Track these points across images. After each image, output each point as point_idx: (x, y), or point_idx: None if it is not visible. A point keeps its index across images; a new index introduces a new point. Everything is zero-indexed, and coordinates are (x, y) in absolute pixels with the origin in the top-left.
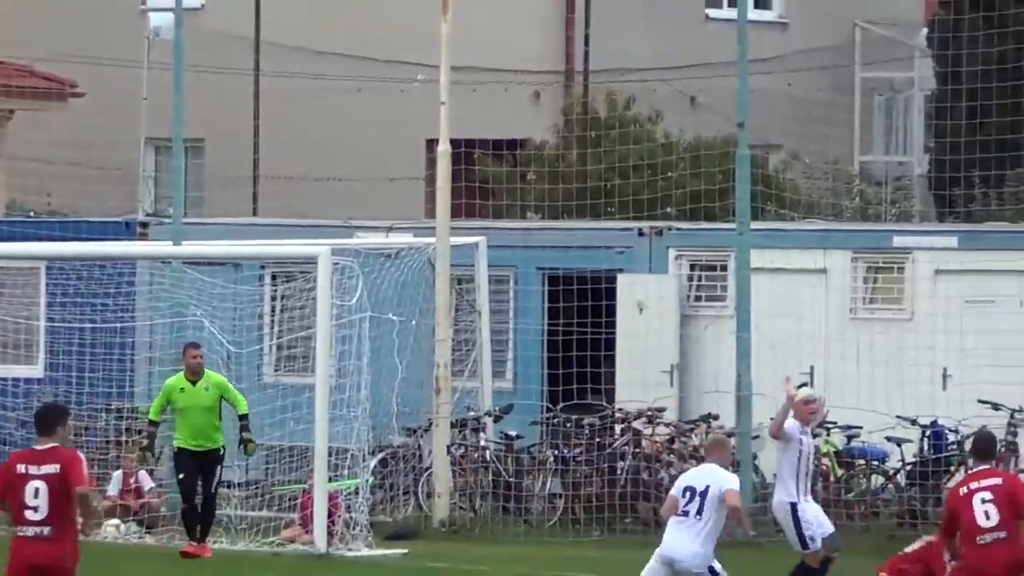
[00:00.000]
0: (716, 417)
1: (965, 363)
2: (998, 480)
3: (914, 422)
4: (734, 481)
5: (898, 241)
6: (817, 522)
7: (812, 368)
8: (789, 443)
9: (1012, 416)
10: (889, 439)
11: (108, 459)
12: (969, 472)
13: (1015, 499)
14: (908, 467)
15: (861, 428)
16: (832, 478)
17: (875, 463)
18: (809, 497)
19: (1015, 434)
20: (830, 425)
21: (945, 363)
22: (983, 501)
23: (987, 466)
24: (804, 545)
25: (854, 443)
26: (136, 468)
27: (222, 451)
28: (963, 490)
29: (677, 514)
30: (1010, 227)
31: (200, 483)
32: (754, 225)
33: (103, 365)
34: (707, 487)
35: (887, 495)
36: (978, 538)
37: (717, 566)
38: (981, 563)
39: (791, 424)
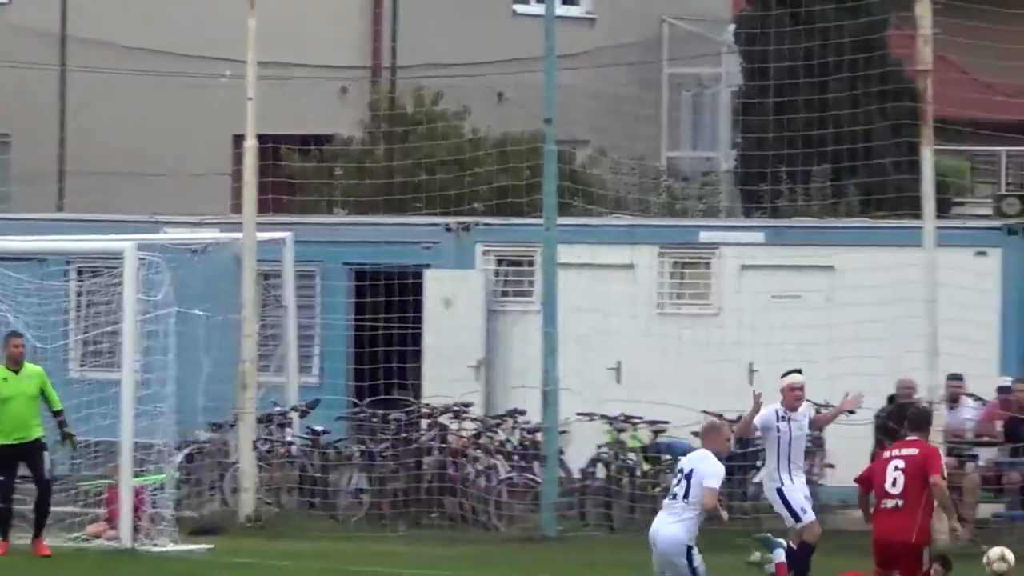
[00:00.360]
0: (523, 412)
1: (771, 358)
2: (915, 451)
3: (720, 417)
4: (716, 476)
5: (705, 236)
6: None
7: (619, 363)
8: (767, 432)
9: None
10: (696, 434)
11: None
12: (900, 441)
13: (922, 468)
14: None
15: (668, 423)
16: (639, 473)
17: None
18: (798, 477)
19: (821, 428)
20: (636, 420)
21: (752, 358)
22: (895, 468)
23: (916, 438)
24: (797, 518)
25: (661, 438)
26: None
27: (43, 439)
28: (886, 454)
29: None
30: (816, 222)
31: (30, 475)
32: (561, 221)
33: None
34: (692, 471)
35: None
36: (883, 502)
37: (695, 553)
38: (879, 527)
39: (764, 414)
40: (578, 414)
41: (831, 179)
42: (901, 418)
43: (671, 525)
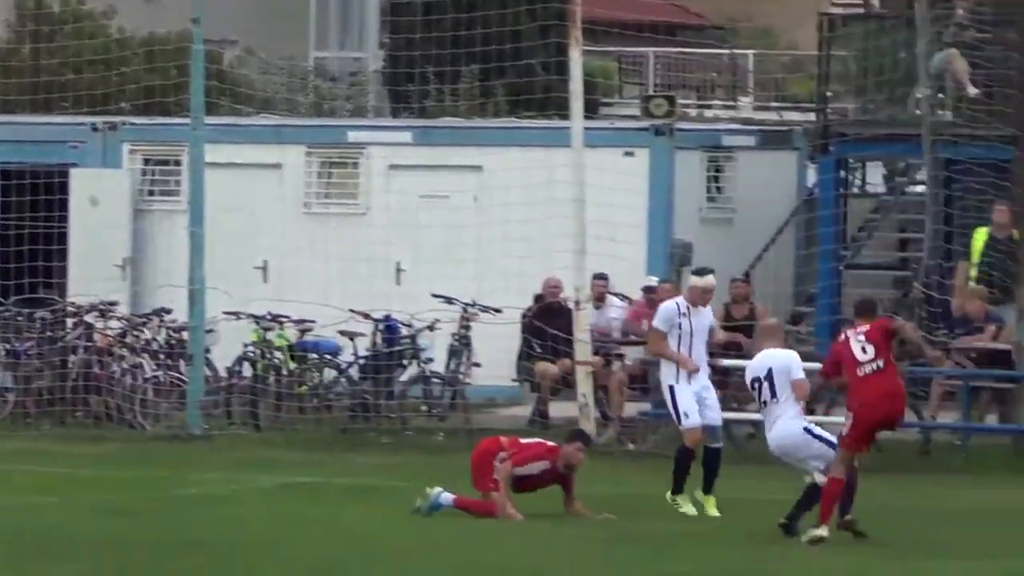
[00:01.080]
0: (169, 311)
1: (419, 257)
2: (868, 327)
3: (367, 316)
4: (798, 366)
5: (352, 136)
6: (698, 406)
7: (266, 263)
8: (670, 328)
9: (465, 311)
10: (342, 333)
11: None
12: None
13: (883, 332)
14: (361, 361)
15: (315, 322)
16: (285, 372)
17: (328, 357)
18: (697, 379)
19: (468, 327)
20: (283, 319)
21: (399, 258)
22: (858, 341)
23: (864, 323)
24: (679, 420)
25: (307, 337)
26: None
27: None
28: (842, 337)
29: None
30: (464, 123)
31: None
32: (209, 120)
33: None
34: (769, 369)
35: (340, 388)
36: (858, 371)
37: (813, 428)
38: (871, 390)
39: (666, 308)
40: (224, 313)
41: (479, 79)
42: (546, 317)
43: (778, 426)
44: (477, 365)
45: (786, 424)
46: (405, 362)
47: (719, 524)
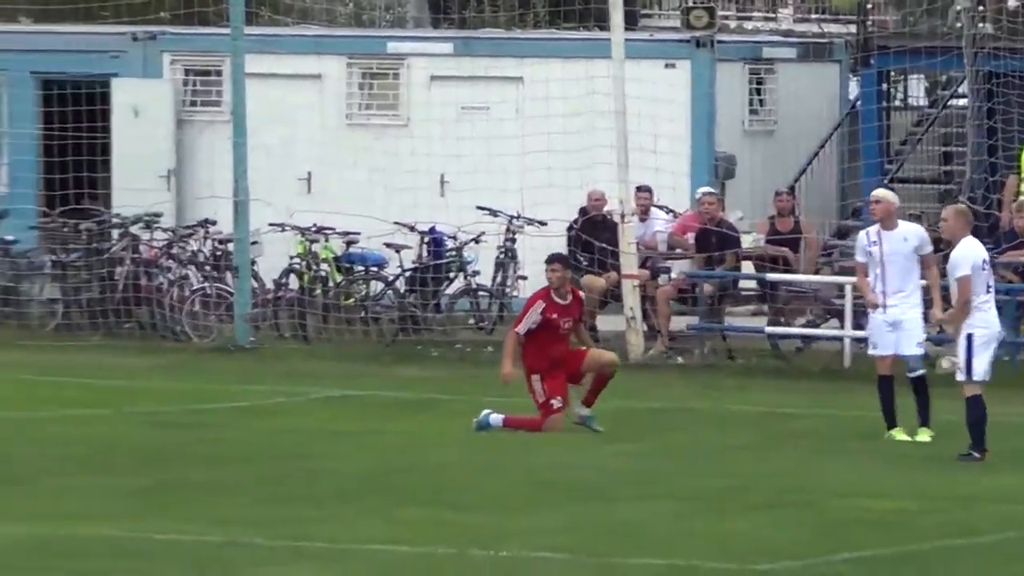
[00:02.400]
0: (214, 223)
1: (462, 169)
2: None
3: (412, 228)
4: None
5: (392, 47)
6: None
7: (310, 174)
8: (868, 257)
9: (510, 223)
10: (388, 245)
11: None
12: None
13: None
14: (407, 273)
15: (360, 234)
16: (332, 283)
17: (374, 269)
18: (895, 304)
19: (514, 240)
20: (328, 231)
21: (442, 170)
22: None
23: None
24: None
25: (352, 249)
26: None
27: None
28: None
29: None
30: (505, 34)
31: None
32: (248, 30)
33: None
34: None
35: (386, 301)
36: None
37: None
38: None
39: (858, 238)
40: (270, 224)
41: None
42: (591, 230)
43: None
44: (523, 278)
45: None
46: (451, 275)
47: (761, 438)
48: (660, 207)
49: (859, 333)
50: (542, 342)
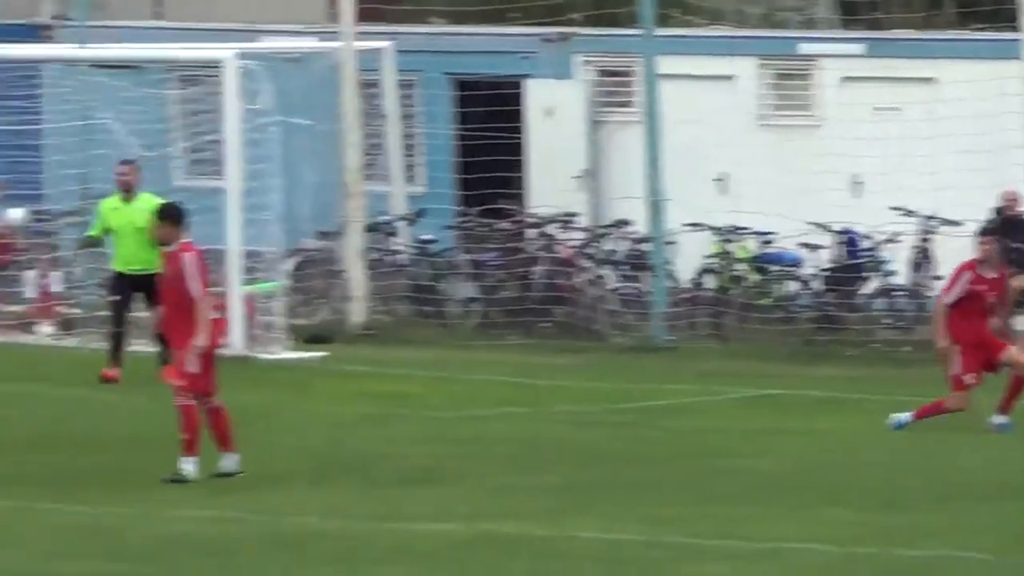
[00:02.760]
0: (629, 223)
1: (875, 170)
2: None
3: (827, 228)
4: None
5: (804, 48)
6: None
7: (724, 174)
8: None
9: (924, 223)
10: (803, 245)
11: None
12: None
13: None
14: (824, 273)
15: (775, 234)
16: (748, 283)
17: (790, 268)
18: None
19: (927, 240)
20: (744, 231)
21: (855, 170)
22: None
23: None
24: None
25: (768, 249)
26: (47, 268)
27: None
28: None
29: None
30: (916, 34)
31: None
32: (659, 31)
33: (13, 168)
34: None
35: (803, 300)
36: None
37: None
38: None
39: None
40: (685, 224)
41: None
42: (1007, 230)
43: None
44: (938, 278)
45: None
46: (867, 275)
47: None
48: None
49: None
50: (966, 313)
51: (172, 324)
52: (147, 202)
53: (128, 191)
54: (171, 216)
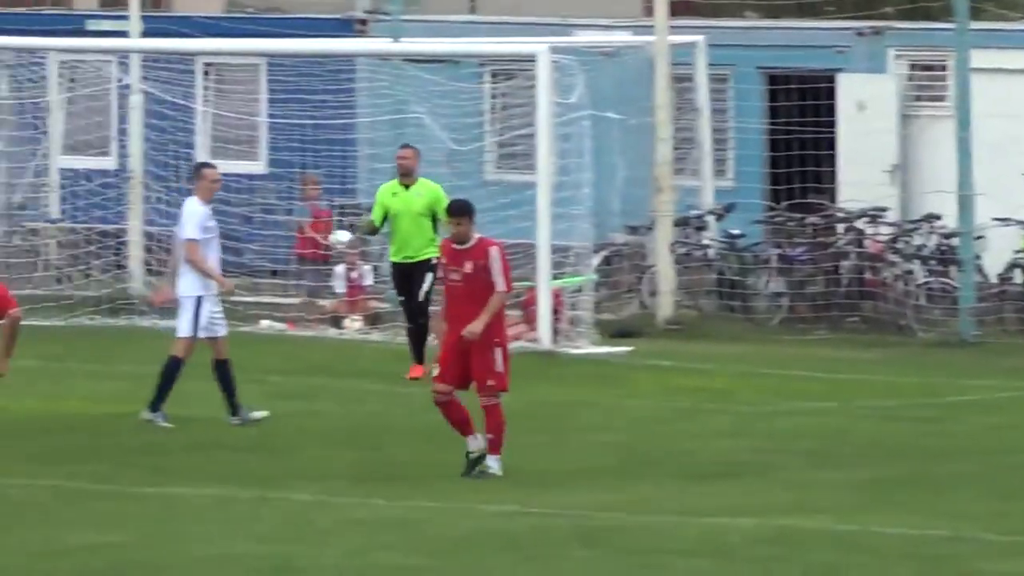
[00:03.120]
0: (938, 217)
1: None
2: None
3: None
4: None
5: None
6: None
7: None
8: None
9: None
10: None
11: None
12: None
13: None
14: None
15: None
16: None
17: None
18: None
19: None
20: None
21: None
22: None
23: None
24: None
25: None
26: (357, 263)
27: (433, 260)
28: None
29: None
30: None
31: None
32: (973, 25)
33: (325, 162)
34: None
35: None
36: None
37: None
38: None
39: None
40: (994, 219)
41: None
42: None
43: None
44: None
45: None
46: None
47: None
48: None
49: None
50: None
51: (468, 319)
52: (425, 187)
53: (408, 175)
54: (470, 212)
